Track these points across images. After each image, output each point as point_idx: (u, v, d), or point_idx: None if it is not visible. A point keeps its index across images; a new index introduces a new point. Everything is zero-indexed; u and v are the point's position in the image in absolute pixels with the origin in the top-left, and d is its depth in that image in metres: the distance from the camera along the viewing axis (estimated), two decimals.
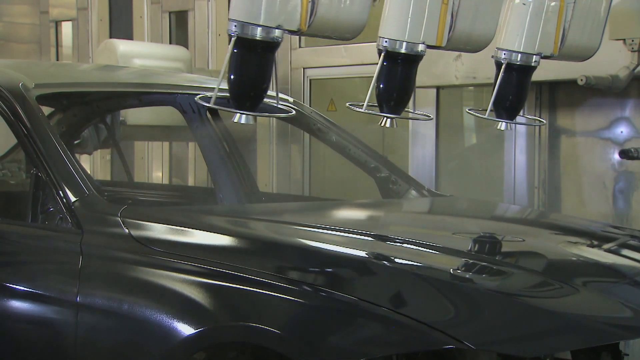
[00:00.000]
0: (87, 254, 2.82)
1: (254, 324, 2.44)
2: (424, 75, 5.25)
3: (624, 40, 4.61)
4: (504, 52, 3.42)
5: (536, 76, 3.60)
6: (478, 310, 2.41)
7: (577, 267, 2.91)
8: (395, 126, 3.26)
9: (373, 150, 4.15)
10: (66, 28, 8.82)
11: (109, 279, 2.77)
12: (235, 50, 2.96)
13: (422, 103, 5.87)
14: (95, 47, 8.15)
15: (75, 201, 2.94)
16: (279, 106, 3.42)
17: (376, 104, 3.30)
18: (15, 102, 3.17)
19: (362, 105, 3.26)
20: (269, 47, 2.98)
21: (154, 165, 7.89)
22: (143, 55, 6.35)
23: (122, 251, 2.78)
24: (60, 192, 2.97)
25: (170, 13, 7.91)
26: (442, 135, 6.01)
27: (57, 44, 8.89)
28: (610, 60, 4.02)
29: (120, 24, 8.24)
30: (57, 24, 8.88)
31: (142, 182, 7.04)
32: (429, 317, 2.30)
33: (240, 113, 3.02)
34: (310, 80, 7.02)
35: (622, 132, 5.25)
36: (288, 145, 7.12)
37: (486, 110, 3.50)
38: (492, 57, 3.45)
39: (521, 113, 3.61)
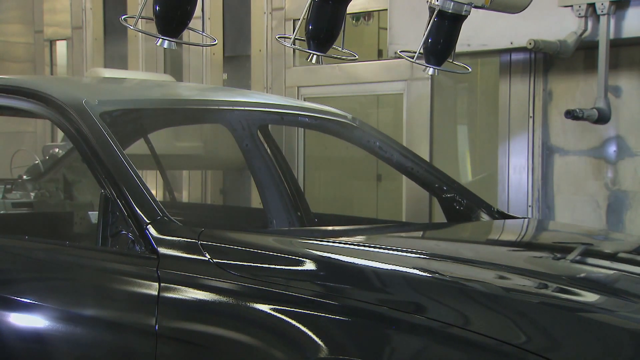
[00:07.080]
0: (165, 280, 2.64)
1: (346, 357, 2.27)
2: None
3: (572, 6, 4.76)
4: None
5: None
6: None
7: None
8: (320, 63, 3.49)
9: (437, 169, 3.97)
10: (61, 47, 8.87)
11: (189, 308, 2.60)
12: None
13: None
14: (89, 66, 8.18)
15: (148, 224, 2.76)
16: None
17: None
18: (81, 120, 3.03)
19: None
20: None
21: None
22: None
23: (203, 278, 2.60)
24: (133, 214, 2.79)
25: None
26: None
27: (52, 63, 8.93)
28: (560, 26, 4.33)
29: (115, 43, 8.28)
30: (52, 43, 8.93)
31: (185, 203, 6.87)
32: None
33: (162, 38, 3.18)
34: (304, 99, 7.03)
35: (614, 151, 5.29)
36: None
37: (415, 53, 3.57)
38: (427, 2, 3.54)
39: (450, 60, 3.67)
